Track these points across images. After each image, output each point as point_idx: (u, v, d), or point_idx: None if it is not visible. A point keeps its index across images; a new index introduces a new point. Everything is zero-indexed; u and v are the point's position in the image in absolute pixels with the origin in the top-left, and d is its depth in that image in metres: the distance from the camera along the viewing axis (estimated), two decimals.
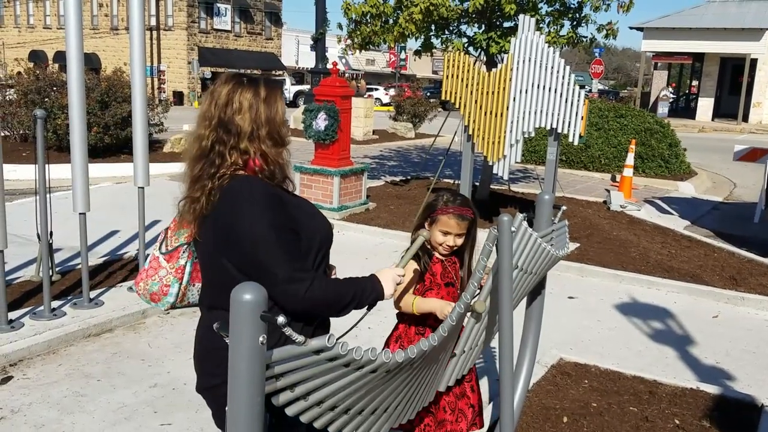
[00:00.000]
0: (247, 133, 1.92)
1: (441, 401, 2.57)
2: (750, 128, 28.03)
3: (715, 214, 10.32)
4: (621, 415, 3.73)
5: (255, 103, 1.94)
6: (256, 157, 1.94)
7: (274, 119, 1.96)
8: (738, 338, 5.15)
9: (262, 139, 1.94)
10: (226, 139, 1.92)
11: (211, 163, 1.93)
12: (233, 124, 1.92)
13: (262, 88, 1.97)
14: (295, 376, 1.44)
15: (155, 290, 2.10)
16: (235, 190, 1.89)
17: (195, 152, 1.97)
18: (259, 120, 1.94)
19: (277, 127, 1.97)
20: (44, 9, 43.99)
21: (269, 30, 44.67)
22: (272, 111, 1.96)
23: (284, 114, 2.01)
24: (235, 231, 1.85)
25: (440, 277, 2.61)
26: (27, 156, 11.60)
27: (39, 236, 4.83)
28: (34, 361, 4.22)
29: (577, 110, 6.80)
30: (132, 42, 5.13)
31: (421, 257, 2.60)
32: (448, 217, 2.55)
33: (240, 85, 1.95)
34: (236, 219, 1.85)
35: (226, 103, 1.94)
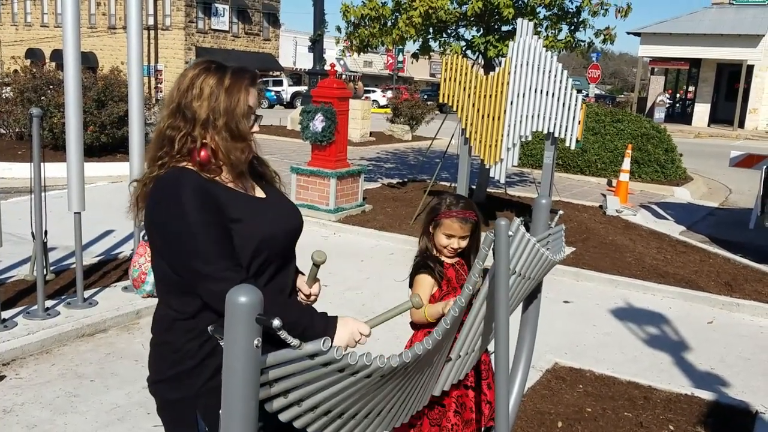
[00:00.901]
0: (201, 121, 1.81)
1: (468, 401, 2.61)
2: (746, 134, 28.13)
3: (710, 220, 10.34)
4: (616, 420, 3.73)
5: (216, 90, 1.81)
6: (203, 148, 1.82)
7: (233, 110, 1.81)
8: (733, 344, 5.15)
9: (217, 130, 1.81)
10: (181, 126, 1.83)
11: (160, 148, 1.85)
12: (190, 109, 1.81)
13: (228, 76, 1.83)
14: (289, 382, 1.43)
15: (135, 277, 2.07)
16: (162, 182, 1.80)
17: (153, 135, 1.91)
18: (217, 109, 1.80)
19: (236, 118, 1.82)
20: (42, 7, 43.91)
21: (267, 31, 44.68)
22: (233, 101, 1.81)
23: (248, 107, 1.85)
24: (156, 225, 1.78)
25: (456, 281, 2.64)
26: (22, 154, 11.56)
27: (33, 235, 4.80)
28: (27, 361, 4.20)
29: (575, 114, 6.80)
30: (129, 41, 5.11)
31: (434, 267, 2.62)
32: (452, 220, 2.58)
33: (206, 71, 1.84)
34: (158, 211, 1.77)
35: (187, 87, 1.83)
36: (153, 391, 1.92)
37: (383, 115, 24.21)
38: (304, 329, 1.75)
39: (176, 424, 1.90)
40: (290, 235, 1.95)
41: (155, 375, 1.90)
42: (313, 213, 8.27)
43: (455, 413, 2.58)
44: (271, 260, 1.86)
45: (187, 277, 1.76)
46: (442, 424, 2.57)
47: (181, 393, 1.84)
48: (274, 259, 1.87)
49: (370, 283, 6.11)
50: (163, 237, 1.78)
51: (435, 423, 2.58)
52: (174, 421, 1.90)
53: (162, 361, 1.88)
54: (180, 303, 1.82)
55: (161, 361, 1.88)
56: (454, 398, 2.59)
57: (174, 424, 1.91)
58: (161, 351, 1.89)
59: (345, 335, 1.81)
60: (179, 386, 1.84)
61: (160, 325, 1.89)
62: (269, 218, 1.89)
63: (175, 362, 1.84)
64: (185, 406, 1.85)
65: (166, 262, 1.80)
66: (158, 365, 1.89)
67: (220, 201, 1.79)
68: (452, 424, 2.57)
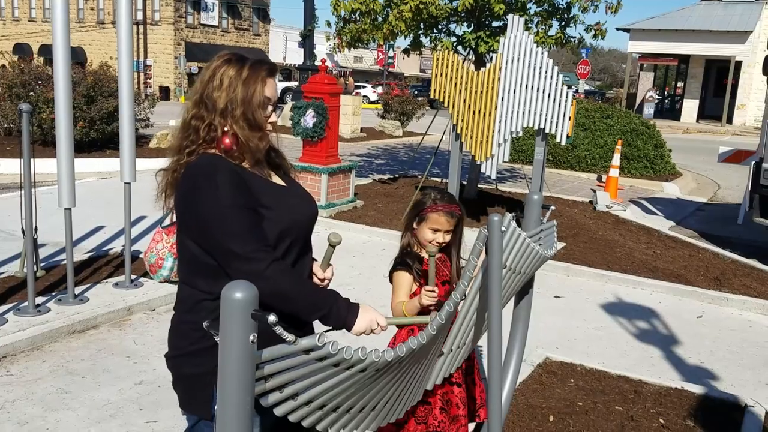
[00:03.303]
0: (220, 110, 1.90)
1: (453, 398, 2.61)
2: (734, 130, 28.30)
3: (699, 215, 10.41)
4: (606, 414, 3.76)
5: (234, 81, 1.90)
6: (226, 136, 1.91)
7: (250, 101, 1.90)
8: (722, 338, 5.20)
9: (235, 119, 1.90)
10: (204, 115, 1.91)
11: (186, 137, 1.94)
12: (211, 99, 1.91)
13: (246, 67, 1.93)
14: (285, 377, 1.43)
15: (152, 262, 2.15)
16: (195, 167, 1.87)
17: (179, 124, 1.99)
18: (235, 99, 1.90)
19: (252, 108, 1.91)
20: (29, 2, 43.54)
21: (257, 26, 44.50)
22: (249, 92, 1.91)
23: (266, 97, 1.94)
24: (191, 208, 1.84)
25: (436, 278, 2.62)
26: (11, 150, 11.48)
27: (23, 231, 4.78)
28: (17, 358, 4.18)
29: (565, 110, 6.83)
30: (119, 37, 5.08)
31: (412, 264, 2.62)
32: (438, 214, 2.58)
33: (227, 63, 1.93)
34: (193, 195, 1.83)
35: (209, 78, 1.93)
36: (170, 365, 1.99)
37: (374, 111, 24.20)
38: (330, 309, 1.85)
39: (189, 399, 1.95)
40: (310, 222, 2.05)
41: (174, 350, 1.98)
42: None
43: (441, 410, 2.58)
44: (294, 245, 1.95)
45: (221, 258, 1.82)
46: (429, 422, 2.56)
47: (199, 369, 1.89)
48: (296, 244, 1.96)
49: (362, 279, 6.12)
50: (197, 219, 1.84)
51: (421, 421, 2.57)
52: (187, 396, 1.96)
53: (183, 338, 1.95)
54: (207, 284, 1.88)
55: (182, 338, 1.95)
56: (439, 395, 2.59)
57: (187, 399, 1.96)
58: (183, 329, 1.95)
59: (364, 322, 1.91)
60: (197, 362, 1.90)
61: (184, 305, 1.96)
62: (292, 205, 1.97)
63: (196, 339, 1.90)
64: (200, 382, 1.89)
65: (199, 244, 1.86)
66: (178, 341, 1.96)
67: (251, 185, 1.88)
68: (438, 421, 2.57)
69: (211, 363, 1.83)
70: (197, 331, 1.86)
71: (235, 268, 1.78)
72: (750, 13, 29.15)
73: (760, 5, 29.69)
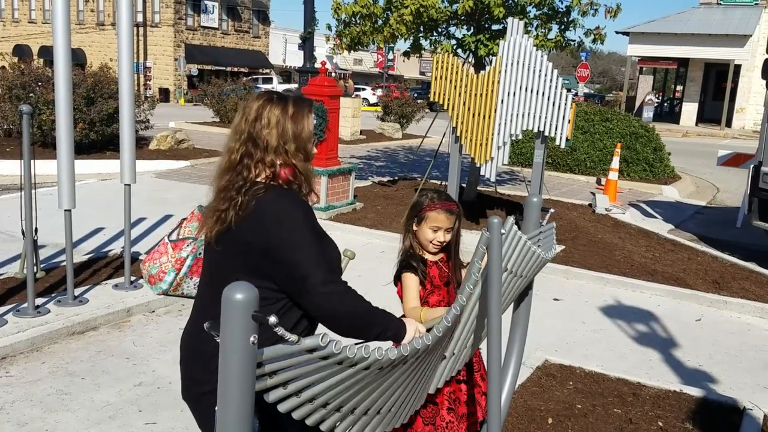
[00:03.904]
0: (273, 147, 2.00)
1: (461, 395, 2.62)
2: (733, 133, 28.33)
3: (698, 218, 10.42)
4: (605, 416, 3.76)
5: (282, 119, 2.01)
6: (284, 169, 2.01)
7: (300, 135, 2.03)
8: (720, 341, 5.20)
9: (290, 154, 2.01)
10: (253, 152, 2.00)
11: (239, 175, 2.00)
12: (261, 138, 2.00)
13: (291, 105, 2.04)
14: (288, 374, 1.44)
15: (153, 273, 2.19)
16: (275, 203, 1.94)
17: (224, 164, 2.05)
18: (286, 135, 2.01)
19: (303, 142, 2.04)
20: (29, 3, 43.56)
21: (257, 28, 44.53)
22: (299, 127, 2.03)
23: (311, 131, 2.08)
24: (274, 239, 1.90)
25: (438, 279, 2.64)
26: (10, 151, 11.48)
27: (24, 232, 4.78)
28: (17, 359, 4.18)
29: (564, 113, 6.84)
30: (120, 38, 5.09)
31: (417, 267, 2.62)
32: (437, 212, 2.57)
33: (269, 102, 2.03)
34: (278, 230, 1.90)
35: (255, 118, 2.01)
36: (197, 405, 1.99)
37: (373, 114, 24.22)
38: (391, 328, 2.00)
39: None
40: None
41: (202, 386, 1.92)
42: None
43: (449, 410, 2.58)
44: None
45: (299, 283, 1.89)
46: (437, 423, 2.57)
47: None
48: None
49: (362, 281, 6.09)
50: (280, 248, 1.90)
51: (429, 422, 2.58)
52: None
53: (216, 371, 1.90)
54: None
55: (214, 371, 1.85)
56: (446, 395, 2.59)
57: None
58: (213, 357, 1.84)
59: (412, 332, 2.05)
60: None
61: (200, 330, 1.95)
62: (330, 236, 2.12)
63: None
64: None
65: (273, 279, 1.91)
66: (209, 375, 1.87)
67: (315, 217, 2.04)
68: (446, 422, 2.57)
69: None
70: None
71: (319, 292, 1.88)
72: (749, 17, 29.19)
73: (759, 9, 29.74)
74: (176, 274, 2.16)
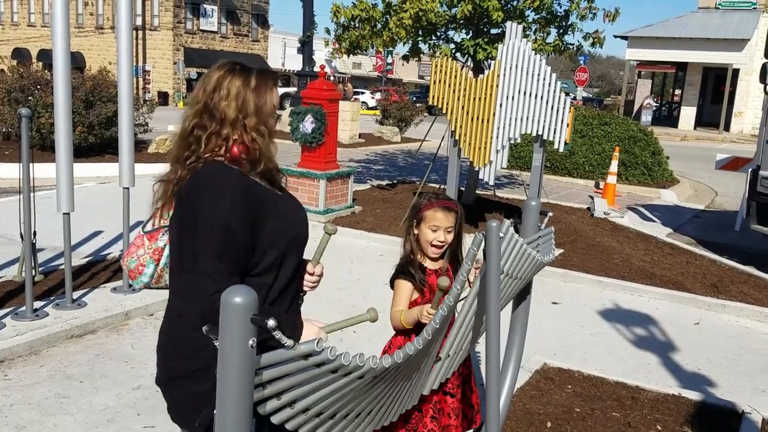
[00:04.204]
0: (230, 120, 1.90)
1: (446, 407, 2.59)
2: (732, 137, 28.37)
3: (696, 222, 10.43)
4: (604, 420, 3.76)
5: (243, 91, 1.91)
6: (237, 144, 1.91)
7: (262, 109, 1.93)
8: (719, 345, 5.21)
9: (248, 128, 1.91)
10: (207, 125, 1.90)
11: (187, 146, 1.92)
12: (218, 110, 1.90)
13: (254, 77, 1.94)
14: (283, 384, 1.44)
15: (132, 268, 2.09)
16: (201, 174, 1.86)
17: (178, 133, 1.98)
18: (246, 108, 1.91)
19: (264, 117, 1.94)
20: (29, 7, 43.59)
21: (256, 32, 44.58)
22: (261, 101, 1.93)
23: (274, 105, 1.97)
24: (191, 210, 1.82)
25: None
26: (9, 155, 11.48)
27: (22, 236, 4.78)
28: (15, 362, 4.18)
29: (563, 117, 6.85)
30: (119, 42, 5.09)
31: (414, 274, 2.58)
32: (434, 210, 2.55)
33: (231, 72, 1.93)
34: (194, 202, 1.82)
35: (214, 88, 1.92)
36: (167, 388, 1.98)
37: (372, 117, 24.23)
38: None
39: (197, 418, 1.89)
40: (307, 232, 2.06)
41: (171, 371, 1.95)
42: None
43: (432, 419, 2.56)
44: (297, 255, 1.98)
45: (187, 260, 1.80)
46: (419, 429, 2.55)
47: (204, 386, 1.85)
48: (296, 256, 1.99)
49: (360, 284, 6.12)
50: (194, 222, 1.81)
51: (411, 428, 2.55)
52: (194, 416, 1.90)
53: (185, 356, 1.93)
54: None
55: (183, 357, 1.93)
56: (431, 403, 2.57)
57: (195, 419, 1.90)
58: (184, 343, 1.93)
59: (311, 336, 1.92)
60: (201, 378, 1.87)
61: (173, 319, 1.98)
62: (296, 215, 2.00)
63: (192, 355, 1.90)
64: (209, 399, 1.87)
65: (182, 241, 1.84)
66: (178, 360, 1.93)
67: (260, 198, 1.88)
68: (428, 429, 2.54)
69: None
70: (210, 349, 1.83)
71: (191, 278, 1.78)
72: (747, 21, 29.26)
73: (757, 14, 29.81)
74: (155, 266, 2.07)
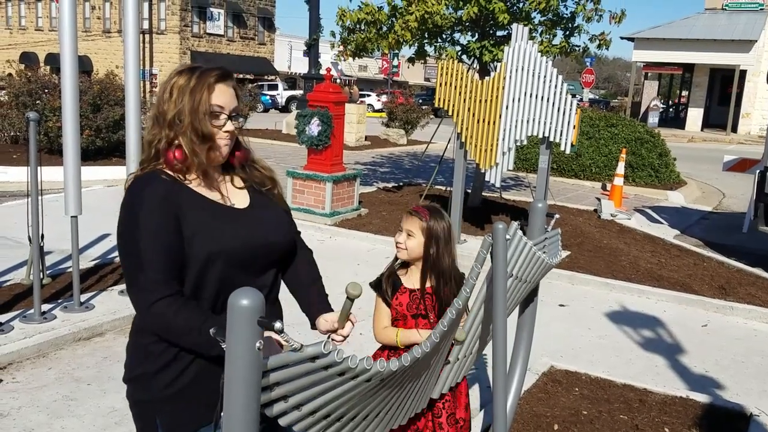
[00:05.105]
0: (167, 122, 1.81)
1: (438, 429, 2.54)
2: (739, 139, 28.27)
3: (704, 224, 10.39)
4: (611, 422, 3.75)
5: (182, 91, 1.81)
6: (170, 149, 1.81)
7: (196, 110, 1.79)
8: (727, 347, 5.18)
9: (183, 130, 1.80)
10: (156, 130, 1.84)
11: (144, 154, 1.89)
12: (161, 111, 1.83)
13: (195, 76, 1.82)
14: (290, 386, 1.44)
15: None
16: (128, 186, 1.82)
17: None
18: (182, 110, 1.80)
19: (198, 118, 1.79)
20: (36, 11, 43.85)
21: (262, 35, 44.70)
22: (195, 101, 1.79)
23: (212, 105, 1.81)
24: (117, 231, 1.80)
25: (406, 308, 2.51)
26: (17, 158, 11.54)
27: (30, 239, 4.81)
28: (23, 365, 4.20)
29: (569, 119, 6.84)
30: (126, 46, 5.12)
31: (384, 287, 2.54)
32: (405, 213, 2.55)
33: (179, 74, 1.85)
34: (119, 220, 1.79)
35: (162, 91, 1.85)
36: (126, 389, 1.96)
37: (378, 120, 24.25)
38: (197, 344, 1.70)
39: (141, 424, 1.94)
40: (255, 250, 1.86)
41: (128, 372, 1.93)
42: (309, 217, 8.29)
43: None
44: (224, 274, 1.81)
45: (125, 279, 1.79)
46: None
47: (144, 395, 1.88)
48: (229, 273, 1.81)
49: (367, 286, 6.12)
50: (120, 240, 1.79)
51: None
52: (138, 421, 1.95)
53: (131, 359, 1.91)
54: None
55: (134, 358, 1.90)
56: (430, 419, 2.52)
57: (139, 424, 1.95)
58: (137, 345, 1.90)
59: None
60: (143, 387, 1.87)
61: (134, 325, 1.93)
62: (227, 230, 1.83)
63: (140, 362, 1.86)
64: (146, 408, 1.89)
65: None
66: (130, 361, 1.92)
67: (180, 209, 1.77)
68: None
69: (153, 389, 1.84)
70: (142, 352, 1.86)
71: (131, 297, 1.77)
72: (754, 22, 29.16)
73: (764, 14, 29.71)
74: None
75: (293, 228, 2.04)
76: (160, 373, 1.82)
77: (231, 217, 1.86)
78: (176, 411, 1.84)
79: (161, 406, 1.85)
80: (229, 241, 1.81)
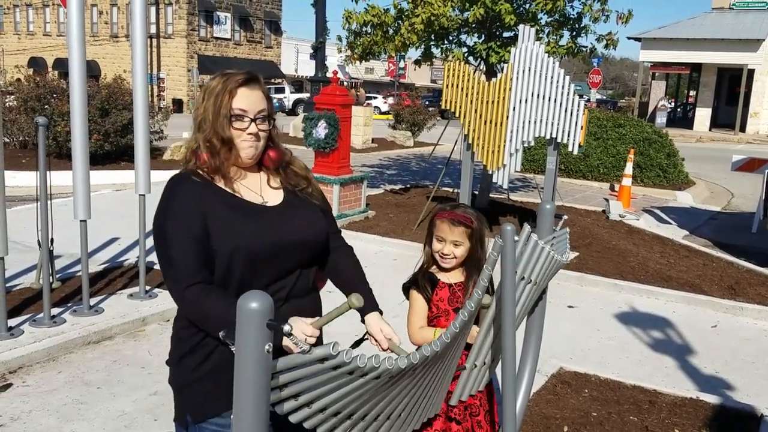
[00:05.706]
0: (197, 125, 1.93)
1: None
2: (747, 138, 28.13)
3: (713, 224, 10.34)
4: (621, 424, 3.73)
5: (209, 95, 1.90)
6: (203, 152, 1.91)
7: (217, 114, 1.88)
8: (737, 348, 5.16)
9: (205, 133, 1.90)
10: (195, 133, 1.95)
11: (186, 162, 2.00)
12: (195, 115, 1.95)
13: (219, 80, 1.91)
14: (300, 386, 1.44)
15: None
16: (165, 185, 1.94)
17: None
18: (207, 112, 1.89)
19: (219, 121, 1.88)
20: (44, 16, 44.10)
21: (269, 38, 44.81)
22: (216, 105, 1.88)
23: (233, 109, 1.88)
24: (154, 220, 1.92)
25: (448, 303, 2.52)
26: (26, 163, 11.61)
27: (39, 243, 4.83)
28: (33, 369, 4.22)
29: (577, 120, 6.83)
30: (134, 50, 5.15)
31: (421, 284, 2.53)
32: (441, 221, 2.50)
33: (212, 78, 1.95)
34: (155, 215, 1.91)
35: (199, 94, 1.96)
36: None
37: (385, 122, 24.26)
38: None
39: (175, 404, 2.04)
40: (278, 247, 1.91)
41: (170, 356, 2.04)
42: None
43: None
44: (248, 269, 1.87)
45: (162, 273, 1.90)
46: None
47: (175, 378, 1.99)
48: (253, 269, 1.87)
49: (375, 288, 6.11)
50: (155, 233, 1.91)
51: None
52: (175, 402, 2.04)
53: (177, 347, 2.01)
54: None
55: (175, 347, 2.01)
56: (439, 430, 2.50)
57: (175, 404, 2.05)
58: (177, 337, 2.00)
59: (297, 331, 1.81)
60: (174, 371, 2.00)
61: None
62: (250, 228, 1.89)
63: (174, 347, 1.99)
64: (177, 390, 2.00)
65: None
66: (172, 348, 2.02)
67: (207, 207, 1.86)
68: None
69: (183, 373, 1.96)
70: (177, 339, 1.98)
71: (166, 283, 1.87)
72: (762, 21, 29.02)
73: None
74: None
75: (327, 227, 2.11)
76: (186, 357, 1.92)
77: (256, 214, 1.93)
78: (201, 395, 1.91)
79: (188, 389, 1.94)
80: (251, 238, 1.87)
